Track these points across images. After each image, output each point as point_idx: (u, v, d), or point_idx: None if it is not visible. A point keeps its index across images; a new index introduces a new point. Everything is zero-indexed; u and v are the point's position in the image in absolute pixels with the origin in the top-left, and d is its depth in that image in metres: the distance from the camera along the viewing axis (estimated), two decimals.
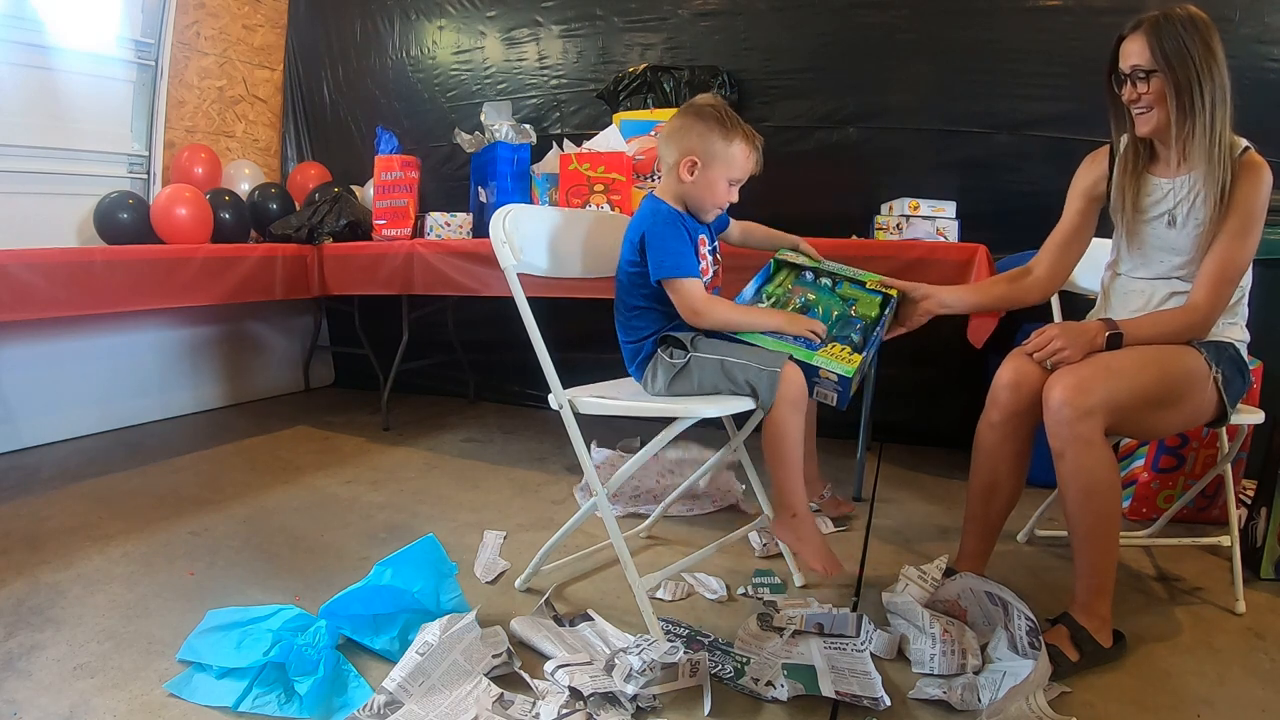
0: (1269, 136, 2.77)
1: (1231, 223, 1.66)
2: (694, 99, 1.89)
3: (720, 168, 1.79)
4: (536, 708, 1.43)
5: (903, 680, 1.56)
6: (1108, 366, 1.61)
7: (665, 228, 1.78)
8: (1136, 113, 1.72)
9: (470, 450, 3.28)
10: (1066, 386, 1.58)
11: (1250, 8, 2.79)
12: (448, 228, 3.34)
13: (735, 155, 1.79)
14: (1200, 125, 1.64)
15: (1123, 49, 1.71)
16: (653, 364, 1.82)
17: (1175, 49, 1.61)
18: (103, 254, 2.86)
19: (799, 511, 1.75)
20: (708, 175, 1.80)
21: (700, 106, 1.82)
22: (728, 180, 1.82)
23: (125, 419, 3.56)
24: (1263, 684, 1.58)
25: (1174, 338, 1.69)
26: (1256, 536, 2.10)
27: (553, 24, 3.85)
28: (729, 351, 1.72)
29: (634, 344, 1.86)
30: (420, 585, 1.72)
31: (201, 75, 4.04)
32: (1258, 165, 1.67)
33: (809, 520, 1.77)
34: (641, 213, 1.85)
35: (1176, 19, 1.63)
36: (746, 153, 1.81)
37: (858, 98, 3.32)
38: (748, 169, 1.84)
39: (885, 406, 3.13)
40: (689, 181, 1.80)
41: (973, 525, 1.87)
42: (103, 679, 1.52)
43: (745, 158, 1.81)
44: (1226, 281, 1.68)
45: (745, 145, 1.80)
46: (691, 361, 1.75)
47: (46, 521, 2.35)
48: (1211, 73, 1.62)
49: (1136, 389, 1.60)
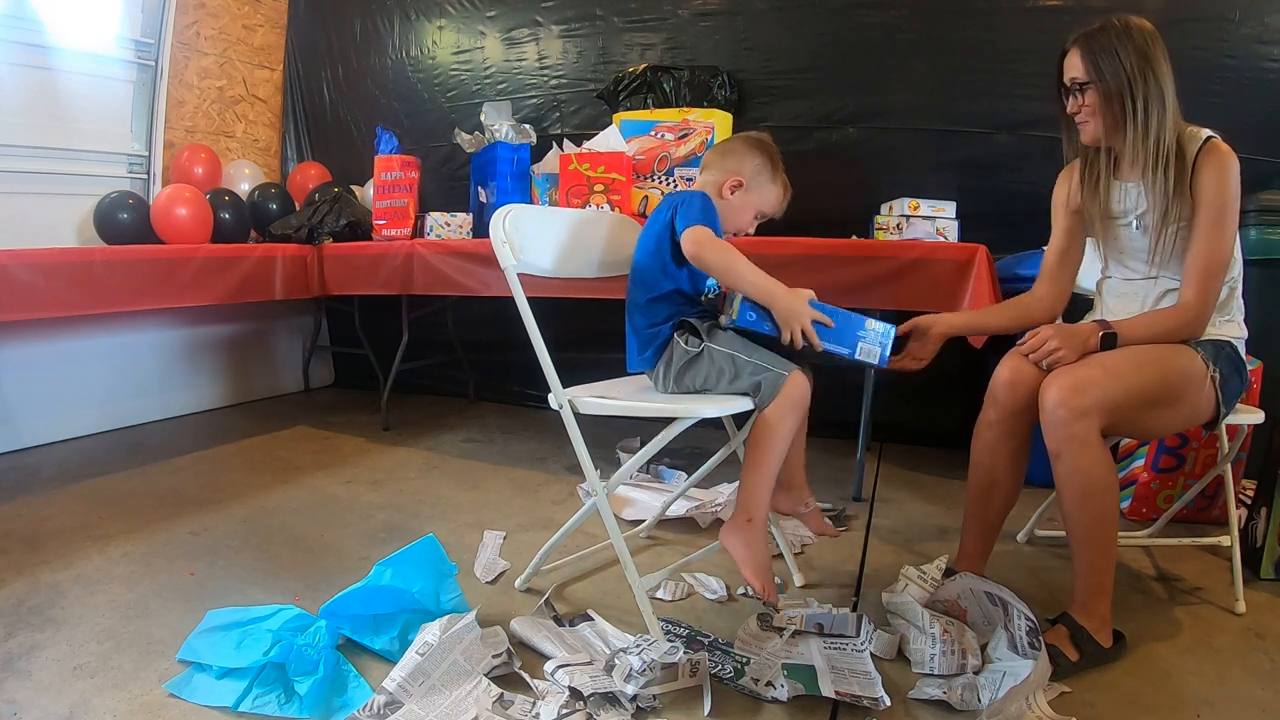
0: (1269, 136, 2.79)
1: (1204, 215, 1.67)
2: (753, 133, 2.01)
3: (756, 197, 1.92)
4: (536, 708, 1.43)
5: (903, 680, 1.56)
6: (1103, 366, 1.61)
7: (704, 202, 1.83)
8: (1078, 122, 1.78)
9: (470, 450, 3.28)
10: (1062, 387, 1.58)
11: (1250, 8, 2.80)
12: (448, 228, 3.34)
13: (773, 194, 1.94)
14: (1135, 132, 1.69)
15: (1065, 63, 1.76)
16: (669, 350, 1.81)
17: (1107, 60, 1.68)
18: (103, 254, 2.86)
19: (756, 519, 1.69)
20: (745, 199, 1.91)
21: (761, 140, 1.95)
22: (756, 210, 1.94)
23: (125, 419, 3.57)
24: (1263, 684, 1.58)
25: (1169, 337, 1.70)
26: (1256, 536, 2.10)
27: (553, 24, 3.85)
28: (742, 349, 1.72)
29: (651, 329, 1.85)
30: (420, 585, 1.71)
31: (201, 75, 4.04)
32: (1221, 153, 1.67)
33: (761, 532, 1.71)
34: (677, 194, 1.88)
35: (1112, 30, 1.69)
36: (780, 196, 1.95)
37: (858, 98, 3.32)
38: (774, 208, 1.96)
39: (885, 406, 3.12)
40: (726, 199, 1.91)
41: (972, 525, 1.87)
42: (102, 679, 1.52)
43: (778, 200, 1.95)
44: (1212, 275, 1.69)
45: (782, 190, 1.95)
46: (704, 351, 1.74)
47: (46, 521, 2.35)
48: (1146, 79, 1.66)
49: (1132, 389, 1.60)
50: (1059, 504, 1.66)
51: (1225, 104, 2.82)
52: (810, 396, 1.70)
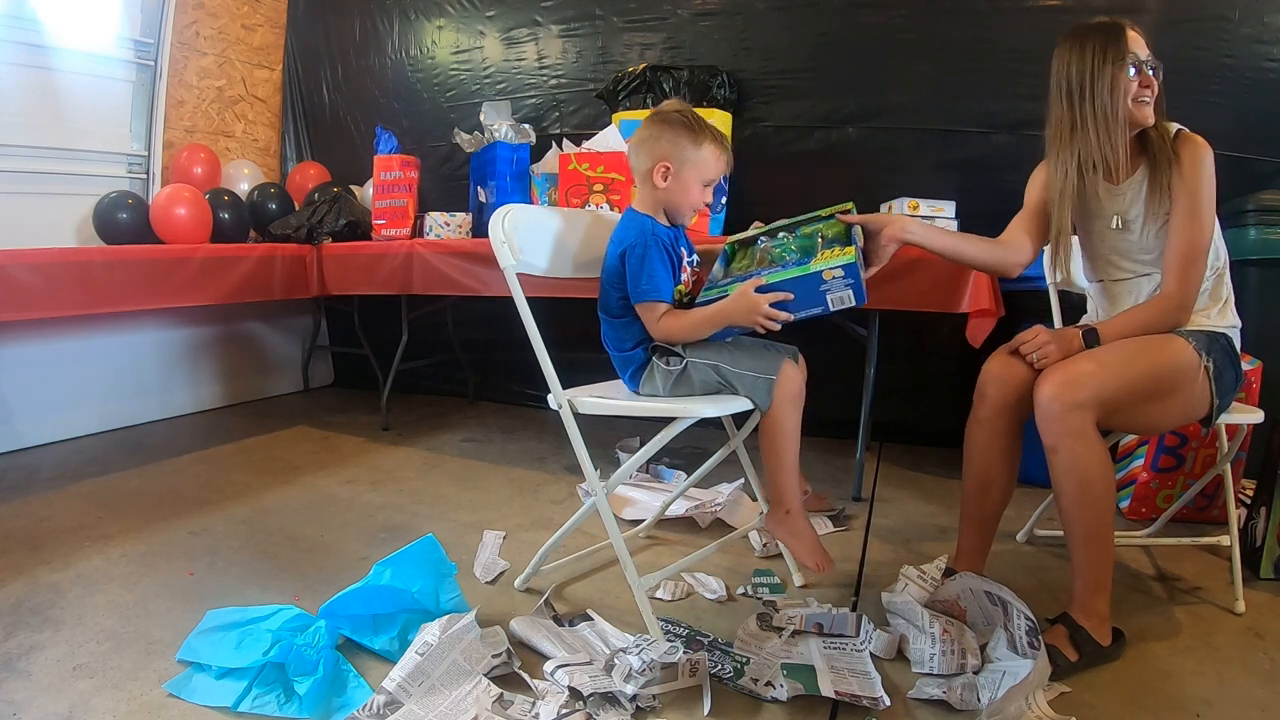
0: (1268, 136, 2.79)
1: (1181, 204, 1.70)
2: (659, 106, 1.90)
3: (692, 171, 1.80)
4: (536, 708, 1.43)
5: (902, 680, 1.56)
6: (1096, 360, 1.63)
7: (647, 249, 1.76)
8: (1144, 101, 1.73)
9: (470, 450, 3.28)
10: (1055, 382, 1.59)
11: (1249, 7, 2.79)
12: (447, 227, 3.34)
13: (706, 157, 1.80)
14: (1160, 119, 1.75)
15: (1132, 39, 1.71)
16: (649, 372, 1.82)
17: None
18: (102, 254, 2.86)
19: (793, 508, 1.79)
20: (681, 179, 1.81)
21: (666, 113, 1.83)
22: (701, 182, 1.83)
23: (125, 419, 3.57)
24: (1262, 684, 1.58)
25: (1151, 328, 1.71)
26: (1256, 536, 2.10)
27: (552, 24, 3.85)
28: (721, 357, 1.73)
29: (624, 354, 1.85)
30: (420, 585, 1.72)
31: (201, 75, 4.04)
32: (1195, 143, 1.71)
33: (802, 516, 1.81)
34: (624, 227, 1.84)
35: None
36: (716, 154, 1.82)
37: (857, 97, 3.32)
38: (719, 169, 1.84)
39: (885, 406, 3.13)
40: (663, 188, 1.81)
41: (969, 524, 1.87)
42: (102, 679, 1.52)
43: (716, 159, 1.82)
44: (1191, 262, 1.70)
45: (714, 147, 1.81)
46: (688, 366, 1.75)
47: (46, 521, 2.35)
48: None
49: (1124, 381, 1.61)
50: (1056, 500, 1.66)
51: (1224, 103, 2.82)
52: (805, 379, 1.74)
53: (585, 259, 1.95)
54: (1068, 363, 1.64)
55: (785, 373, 1.69)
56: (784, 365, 1.70)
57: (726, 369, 1.71)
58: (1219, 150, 1.72)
